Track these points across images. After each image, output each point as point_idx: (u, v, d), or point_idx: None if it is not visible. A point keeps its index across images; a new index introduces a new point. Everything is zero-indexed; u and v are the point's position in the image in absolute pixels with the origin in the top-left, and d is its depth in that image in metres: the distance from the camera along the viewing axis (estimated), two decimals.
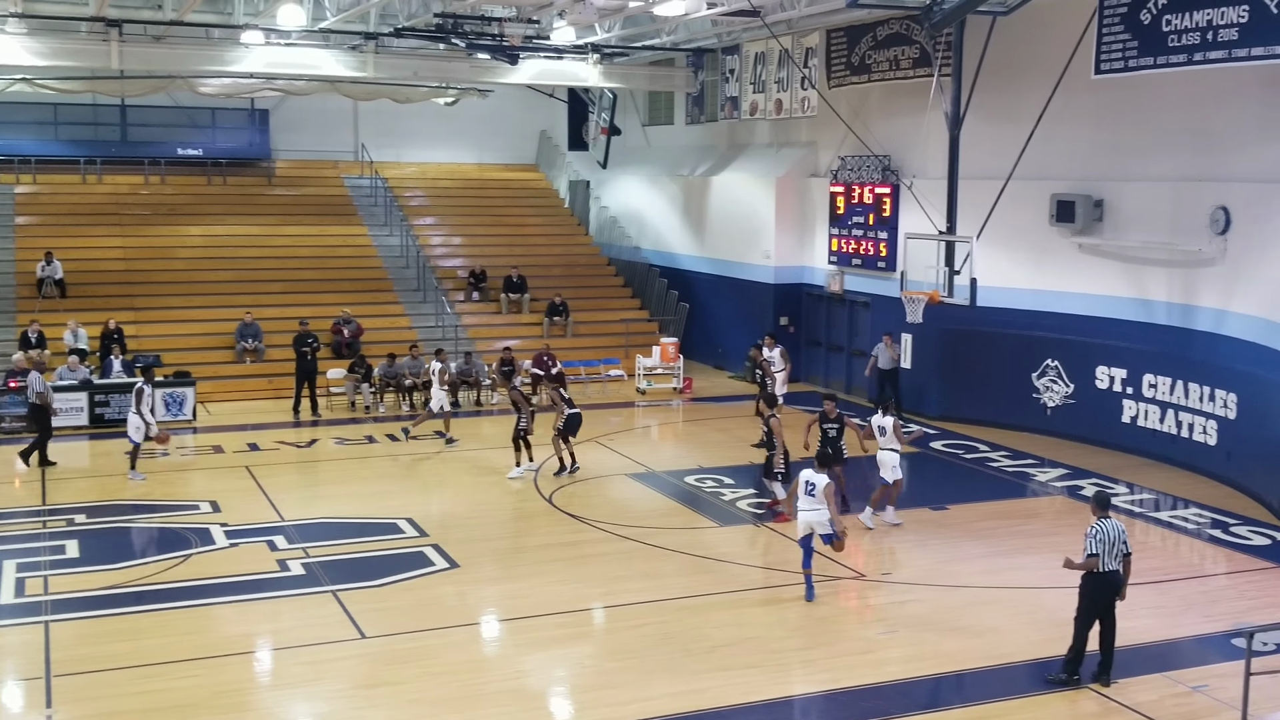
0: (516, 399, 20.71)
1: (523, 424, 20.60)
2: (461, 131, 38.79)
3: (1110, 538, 12.29)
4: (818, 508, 14.91)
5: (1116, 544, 12.32)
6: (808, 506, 14.98)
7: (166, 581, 15.65)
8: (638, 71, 32.20)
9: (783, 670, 12.90)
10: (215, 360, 28.49)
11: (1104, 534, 12.29)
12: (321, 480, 21.35)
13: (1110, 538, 12.29)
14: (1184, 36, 18.82)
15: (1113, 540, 12.30)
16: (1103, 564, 12.30)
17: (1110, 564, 12.32)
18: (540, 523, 18.52)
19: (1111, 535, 12.30)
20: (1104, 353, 23.02)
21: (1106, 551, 12.28)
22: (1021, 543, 17.47)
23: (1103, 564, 12.30)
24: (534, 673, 12.98)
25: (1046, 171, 22.98)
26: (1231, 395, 20.36)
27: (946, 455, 22.95)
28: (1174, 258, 21.63)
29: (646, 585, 15.56)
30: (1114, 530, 12.35)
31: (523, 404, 20.63)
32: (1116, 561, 12.35)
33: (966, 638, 13.84)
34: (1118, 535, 12.34)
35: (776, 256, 30.05)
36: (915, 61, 24.78)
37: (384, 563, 16.42)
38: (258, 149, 36.47)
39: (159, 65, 28.18)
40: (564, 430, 21.01)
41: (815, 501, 14.93)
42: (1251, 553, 17.12)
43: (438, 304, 31.82)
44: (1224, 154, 20.72)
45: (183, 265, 31.58)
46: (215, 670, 12.85)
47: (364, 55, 28.28)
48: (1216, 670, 12.84)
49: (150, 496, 19.83)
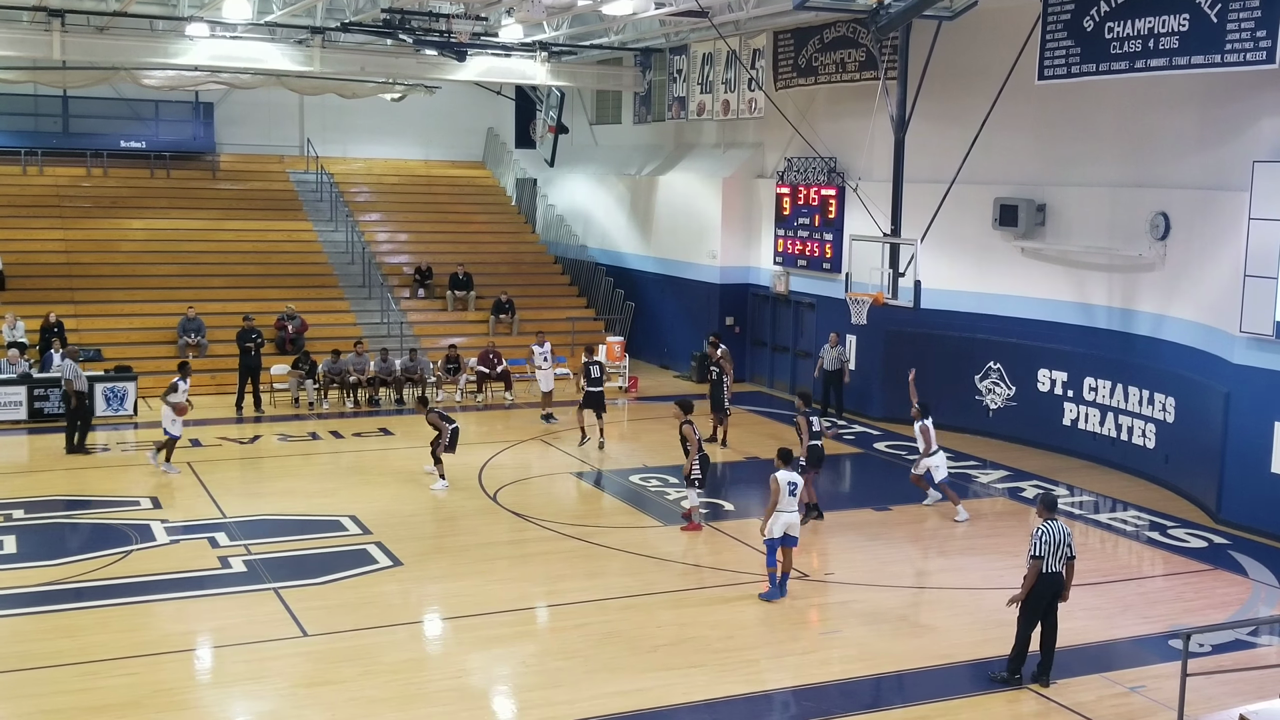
0: (434, 422, 20.27)
1: (444, 442, 20.23)
2: (408, 128, 38.60)
3: (1056, 540, 12.37)
4: (795, 509, 14.97)
5: (1062, 546, 12.40)
6: (790, 508, 14.96)
7: (106, 578, 15.45)
8: (585, 70, 32.15)
9: (725, 670, 12.89)
10: (157, 355, 28.13)
11: (1049, 535, 12.37)
12: (264, 477, 21.13)
13: (1056, 540, 12.37)
14: (1126, 44, 19.01)
15: (1058, 542, 12.38)
16: (1047, 565, 12.37)
17: (1054, 565, 12.40)
18: (484, 521, 18.42)
19: (1057, 537, 12.39)
20: (1046, 356, 23.22)
21: (1051, 553, 12.35)
22: (963, 544, 17.60)
23: (1047, 565, 12.37)
24: (476, 672, 12.91)
25: (990, 176, 23.15)
26: (1170, 399, 20.61)
27: (889, 456, 23.06)
28: (1115, 262, 21.86)
29: (590, 584, 15.53)
30: (1059, 532, 12.44)
31: (443, 426, 20.22)
32: (1060, 564, 12.44)
33: (908, 638, 13.92)
34: (1063, 538, 12.43)
35: (722, 257, 30.10)
36: (861, 65, 24.89)
37: (326, 560, 16.28)
38: (202, 142, 36.09)
39: (102, 56, 27.87)
40: (584, 404, 22.98)
41: (796, 503, 15.00)
42: (1188, 555, 17.32)
43: (383, 301, 31.62)
44: (1164, 161, 20.96)
45: (125, 259, 31.21)
46: (155, 668, 12.69)
47: (310, 49, 28.05)
48: (1153, 671, 12.98)
49: (90, 492, 19.57)
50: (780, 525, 14.91)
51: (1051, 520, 12.53)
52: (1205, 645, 13.59)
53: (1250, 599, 15.59)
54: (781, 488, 14.88)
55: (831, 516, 18.77)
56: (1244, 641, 13.96)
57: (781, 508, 14.89)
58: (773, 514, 14.92)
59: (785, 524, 14.92)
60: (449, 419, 20.46)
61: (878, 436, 24.53)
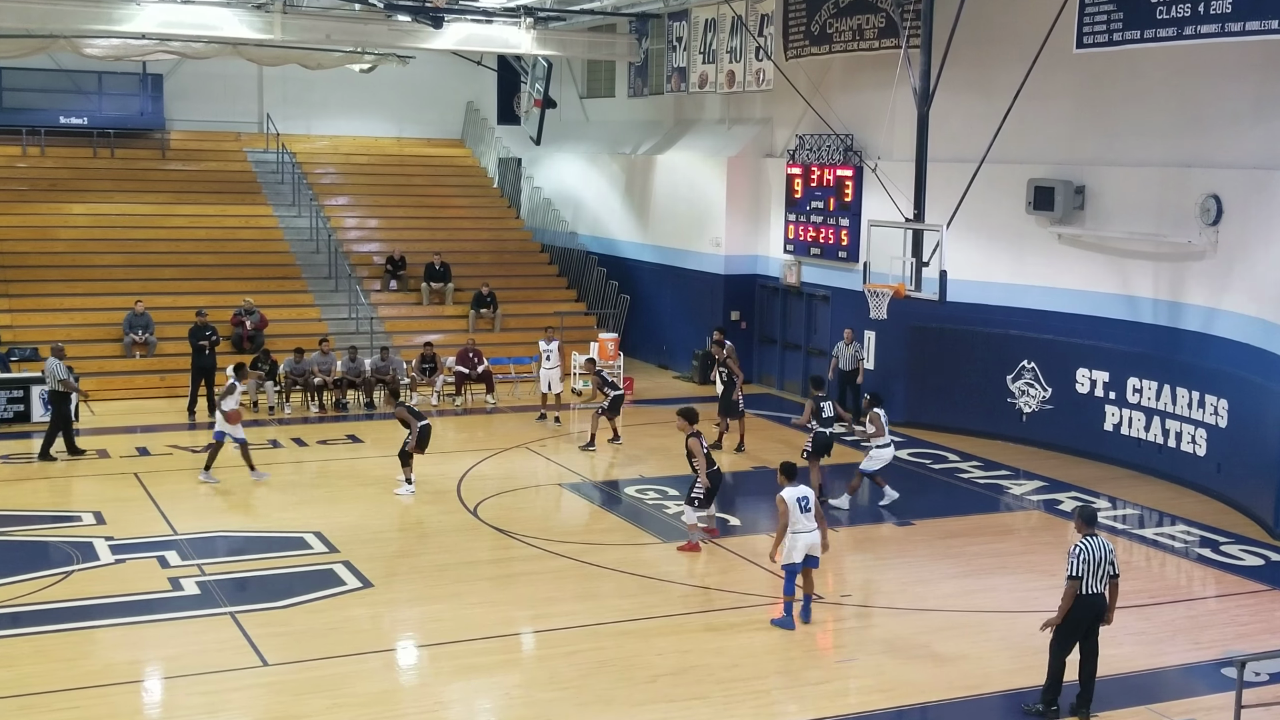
0: (402, 417, 20.42)
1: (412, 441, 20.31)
2: (379, 102, 38.63)
3: (1096, 557, 12.30)
4: (814, 527, 14.86)
5: (1103, 564, 12.33)
6: (807, 527, 14.82)
7: (44, 601, 15.42)
8: (575, 38, 32.15)
9: (730, 703, 12.89)
10: (101, 354, 28.15)
11: (1088, 553, 12.30)
12: (219, 489, 21.13)
13: (1096, 557, 12.30)
14: (1173, 8, 19.01)
15: (1099, 560, 12.30)
16: (1086, 586, 12.30)
17: (1095, 586, 12.34)
18: (463, 538, 18.44)
19: (1097, 555, 12.31)
20: (1085, 354, 23.26)
21: (1091, 572, 12.28)
22: (994, 562, 17.61)
23: (1086, 586, 12.30)
24: (455, 704, 12.92)
25: (1023, 154, 23.18)
26: (1223, 401, 20.64)
27: (913, 465, 23.10)
28: (1161, 250, 21.89)
29: (581, 607, 15.54)
30: (1100, 549, 12.36)
31: (411, 422, 20.36)
32: (1102, 584, 12.37)
33: (933, 666, 13.93)
34: (1105, 555, 12.36)
35: (727, 245, 30.12)
36: (881, 31, 24.90)
37: (289, 581, 16.27)
38: (150, 118, 36.11)
39: (38, 23, 27.81)
40: (608, 410, 23.70)
41: (812, 519, 14.85)
42: (1243, 574, 17.35)
43: (351, 293, 31.63)
44: (1216, 137, 20.99)
45: (65, 247, 31.21)
46: (100, 701, 12.67)
47: (270, 15, 28.01)
48: (1205, 702, 12.99)
49: (26, 505, 19.56)
50: (800, 548, 14.76)
51: (1091, 536, 12.45)
52: (1262, 674, 13.58)
53: None
54: (791, 506, 14.75)
55: (848, 532, 18.80)
56: None
57: (796, 528, 14.74)
58: (784, 536, 14.78)
59: (805, 545, 14.78)
60: (420, 415, 20.56)
61: (900, 443, 24.47)
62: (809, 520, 14.79)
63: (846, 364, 25.79)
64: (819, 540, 14.84)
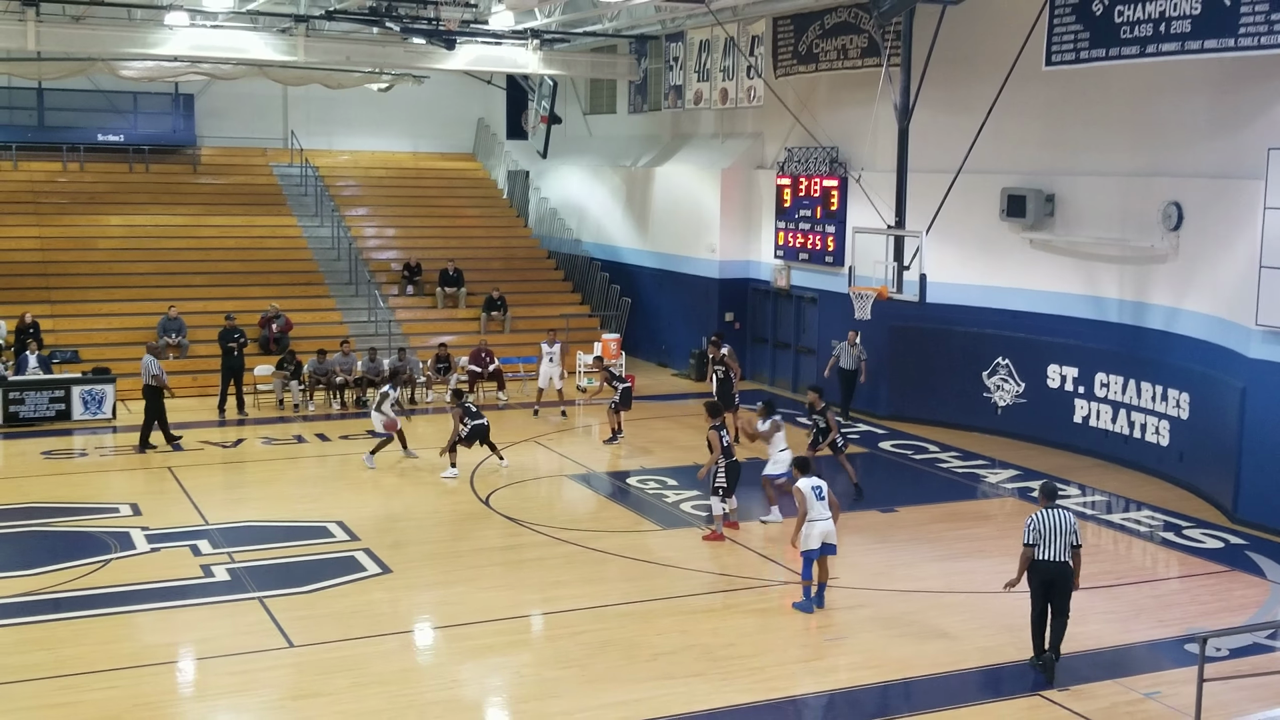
0: (456, 415, 20.82)
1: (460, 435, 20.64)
2: (396, 119, 38.55)
3: (1051, 526, 12.64)
4: (828, 515, 14.80)
5: (1066, 534, 12.64)
6: (822, 515, 14.76)
7: (85, 588, 15.40)
8: (579, 58, 32.12)
9: (727, 679, 12.86)
10: (136, 356, 27.78)
11: (1039, 523, 12.67)
12: (248, 482, 21.11)
13: (1051, 526, 12.64)
14: (1136, 28, 18.99)
15: (1060, 530, 12.64)
16: (1043, 553, 12.62)
17: (1054, 554, 12.62)
18: (476, 526, 18.40)
19: (1055, 525, 12.65)
20: (1055, 351, 23.22)
21: (1050, 541, 12.61)
22: (972, 546, 17.58)
23: (1043, 553, 12.62)
24: (469, 683, 12.88)
25: (997, 165, 23.14)
26: (1184, 395, 20.60)
27: (895, 456, 23.06)
28: (1126, 254, 21.85)
29: (587, 591, 15.50)
30: (1059, 519, 12.69)
31: (456, 421, 20.76)
32: (1064, 553, 12.65)
33: (916, 644, 13.90)
34: (1066, 525, 12.68)
35: (722, 250, 30.08)
36: (864, 51, 24.88)
37: (313, 568, 16.24)
38: (182, 135, 36.03)
39: (78, 47, 27.77)
40: (619, 404, 23.74)
41: (826, 508, 14.80)
42: (1204, 556, 17.32)
43: (370, 298, 31.57)
44: (1177, 149, 20.95)
45: (103, 256, 31.15)
46: (136, 681, 12.64)
47: (294, 38, 27.99)
48: (1169, 676, 12.98)
49: (67, 498, 19.52)
50: (816, 535, 14.71)
51: (1050, 509, 12.80)
52: (1222, 649, 13.57)
53: (1269, 601, 15.59)
54: (807, 495, 14.74)
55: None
56: (1262, 645, 13.94)
57: (813, 516, 14.71)
58: (804, 524, 14.74)
59: (821, 533, 14.73)
60: (476, 413, 21.07)
61: (883, 435, 24.51)
62: (824, 508, 14.76)
63: (848, 363, 25.37)
64: (834, 528, 14.81)
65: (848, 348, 25.35)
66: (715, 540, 17.56)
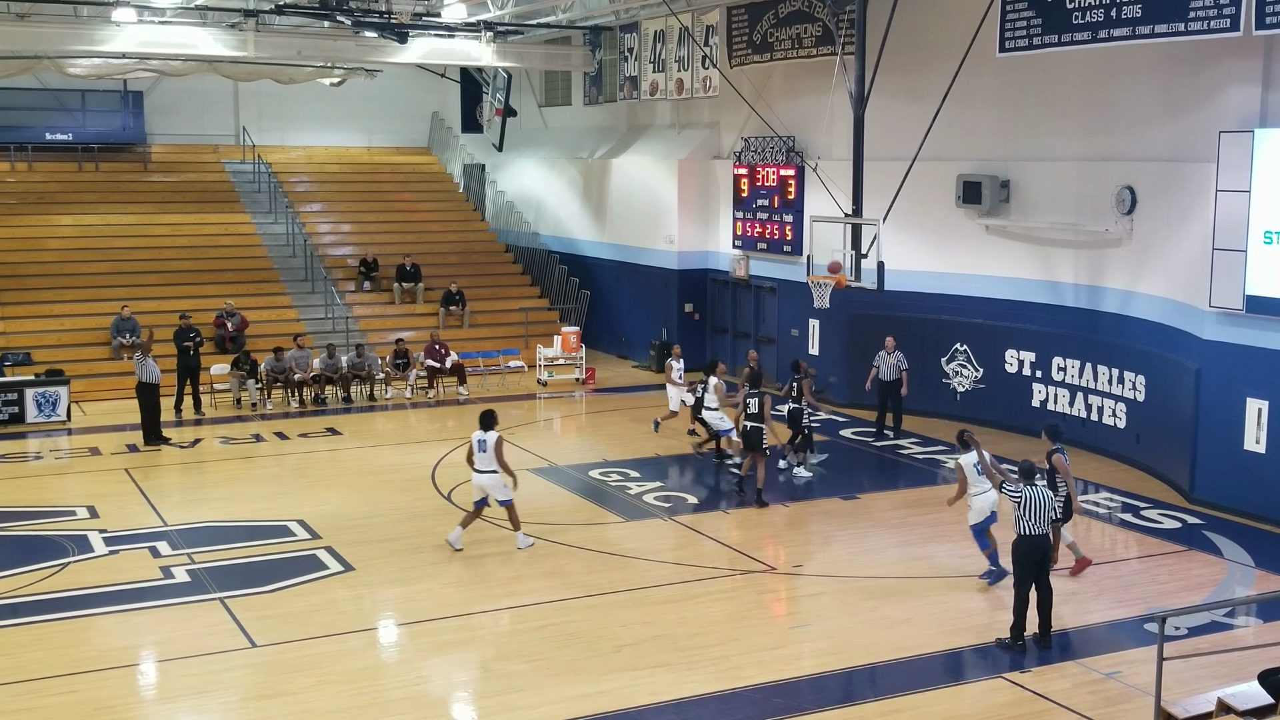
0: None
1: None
2: (349, 113, 38.40)
3: (1036, 501, 13.25)
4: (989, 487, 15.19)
5: (1048, 509, 13.30)
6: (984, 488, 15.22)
7: (42, 592, 15.31)
8: (533, 50, 32.09)
9: (692, 668, 12.95)
10: (90, 357, 27.90)
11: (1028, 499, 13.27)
12: (206, 482, 21.01)
13: (1036, 501, 13.25)
14: (1088, 14, 19.15)
15: (1043, 505, 13.27)
16: (1028, 527, 13.19)
17: (1037, 528, 13.23)
18: (438, 522, 18.37)
19: (1038, 500, 13.27)
20: (1013, 336, 23.42)
21: (1035, 515, 13.21)
22: (933, 531, 17.72)
23: (1028, 527, 13.19)
24: (434, 678, 12.90)
25: (952, 152, 23.30)
26: (1140, 377, 20.82)
27: (856, 443, 23.20)
28: (1081, 238, 22.06)
29: (550, 584, 15.55)
30: (1042, 495, 13.34)
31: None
32: (1044, 526, 13.29)
33: (879, 629, 14.02)
34: (1048, 501, 13.36)
35: (680, 241, 30.14)
36: (818, 40, 24.98)
37: (274, 567, 16.21)
38: (131, 133, 35.77)
39: (24, 45, 27.51)
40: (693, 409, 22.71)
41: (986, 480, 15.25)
42: (1162, 536, 17.55)
43: (327, 294, 31.46)
44: (1129, 133, 21.16)
45: (53, 257, 30.87)
46: (97, 685, 12.59)
47: (244, 34, 27.84)
48: (1129, 656, 13.17)
49: (22, 502, 19.37)
50: (984, 507, 15.25)
51: (1031, 487, 13.35)
52: (1181, 628, 13.78)
53: (1225, 579, 15.81)
54: (968, 471, 15.31)
55: (798, 507, 18.91)
56: (1220, 623, 14.17)
57: (974, 490, 15.27)
58: (963, 498, 15.40)
59: (988, 504, 15.24)
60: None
61: (844, 423, 24.65)
62: (985, 481, 15.23)
63: (888, 374, 23.34)
64: (997, 497, 15.16)
65: (885, 356, 23.38)
66: (1085, 566, 16.09)
